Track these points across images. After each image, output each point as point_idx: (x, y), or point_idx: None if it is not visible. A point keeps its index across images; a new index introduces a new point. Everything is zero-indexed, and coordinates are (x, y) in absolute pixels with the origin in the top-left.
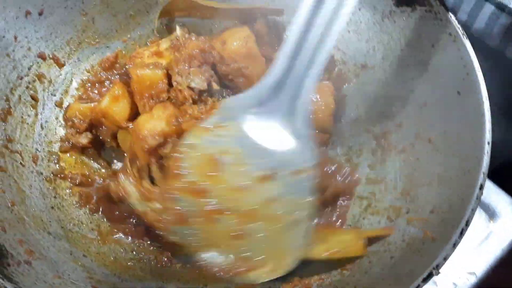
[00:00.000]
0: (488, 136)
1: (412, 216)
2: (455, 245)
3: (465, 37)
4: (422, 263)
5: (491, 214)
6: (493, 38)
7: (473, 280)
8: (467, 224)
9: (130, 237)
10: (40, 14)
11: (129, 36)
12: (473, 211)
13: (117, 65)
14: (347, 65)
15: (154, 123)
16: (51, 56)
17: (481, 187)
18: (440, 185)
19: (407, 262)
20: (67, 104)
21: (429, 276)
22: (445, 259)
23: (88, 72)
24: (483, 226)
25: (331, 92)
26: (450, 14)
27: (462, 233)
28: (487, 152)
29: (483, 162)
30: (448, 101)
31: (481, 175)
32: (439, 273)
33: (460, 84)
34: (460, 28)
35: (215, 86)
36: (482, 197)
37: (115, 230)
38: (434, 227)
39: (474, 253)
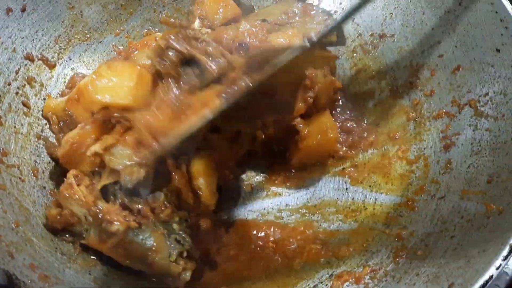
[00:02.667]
0: None
1: (465, 189)
2: None
3: None
4: (495, 240)
5: None
6: None
7: None
8: None
9: None
10: (23, 10)
11: (122, 28)
12: None
13: None
14: (363, 36)
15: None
16: (39, 57)
17: None
18: (492, 152)
19: (474, 240)
20: None
21: (510, 252)
22: None
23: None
24: None
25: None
26: None
27: None
28: None
29: None
30: (486, 61)
31: None
32: None
33: (499, 40)
34: None
35: None
36: None
37: None
38: (497, 198)
39: None
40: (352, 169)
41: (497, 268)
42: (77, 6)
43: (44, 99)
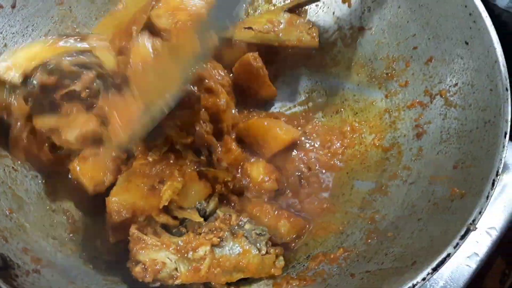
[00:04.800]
0: (506, 82)
1: (434, 175)
2: (488, 197)
3: None
4: (455, 221)
5: (503, 167)
6: None
7: (494, 234)
8: (498, 174)
9: None
10: (13, 7)
11: None
12: (501, 160)
13: None
14: (343, 29)
15: (124, 196)
16: None
17: (506, 135)
18: (459, 139)
19: (437, 222)
20: None
21: (467, 232)
22: (480, 213)
23: None
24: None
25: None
26: None
27: (494, 184)
28: (508, 99)
29: (505, 110)
30: (456, 52)
31: (504, 123)
32: (476, 228)
33: (468, 34)
34: None
35: None
36: None
37: None
38: (461, 183)
39: (492, 208)
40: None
41: (455, 247)
42: (66, 1)
43: None
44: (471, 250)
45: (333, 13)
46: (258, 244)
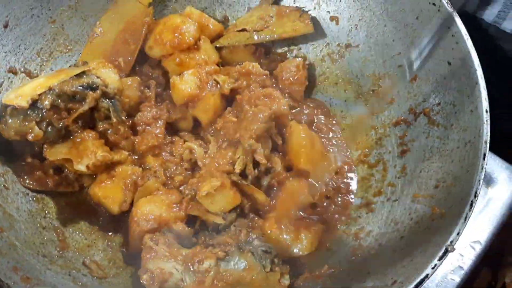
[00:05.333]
0: (485, 104)
1: (416, 193)
2: (466, 219)
3: (450, 6)
4: (435, 241)
5: (488, 180)
6: (470, 2)
7: (478, 248)
8: (476, 195)
9: None
10: (5, 26)
11: None
12: (479, 182)
13: None
14: (331, 46)
15: (151, 207)
16: (22, 70)
17: (484, 157)
18: (441, 158)
19: (418, 241)
20: None
21: (445, 253)
22: (459, 234)
23: None
24: (482, 194)
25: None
26: None
27: (472, 206)
28: (487, 121)
29: (484, 131)
30: (439, 72)
31: (483, 144)
32: (454, 249)
33: (450, 54)
34: None
35: None
36: None
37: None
38: (442, 202)
39: (476, 221)
40: None
41: (433, 268)
42: (58, 20)
43: None
44: (456, 264)
45: (321, 30)
46: (263, 261)
